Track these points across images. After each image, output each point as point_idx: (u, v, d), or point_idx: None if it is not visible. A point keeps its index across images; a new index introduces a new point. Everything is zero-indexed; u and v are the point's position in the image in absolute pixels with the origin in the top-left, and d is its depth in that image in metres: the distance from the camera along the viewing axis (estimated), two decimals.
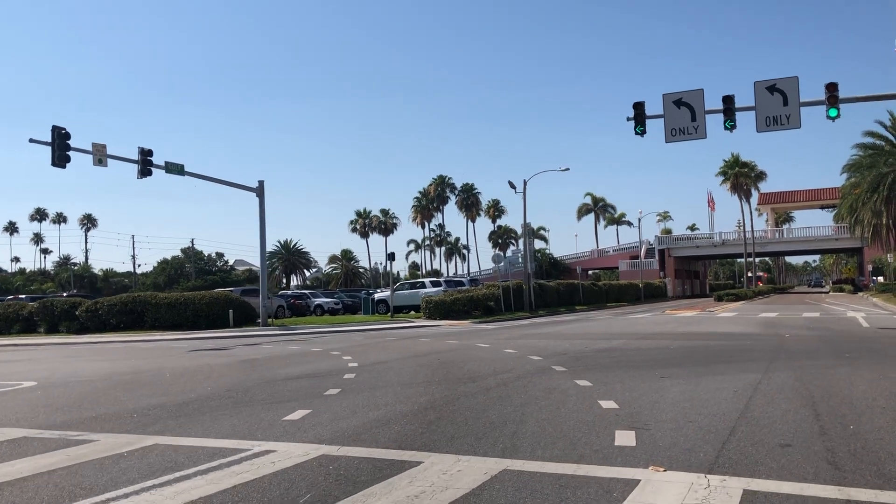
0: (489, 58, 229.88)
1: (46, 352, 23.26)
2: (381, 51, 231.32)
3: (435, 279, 49.11)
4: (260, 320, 33.54)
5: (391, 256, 39.54)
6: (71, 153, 25.86)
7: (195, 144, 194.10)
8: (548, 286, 48.67)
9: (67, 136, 24.91)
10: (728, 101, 23.61)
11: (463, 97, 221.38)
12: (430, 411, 8.05)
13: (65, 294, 49.75)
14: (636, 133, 24.60)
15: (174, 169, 30.01)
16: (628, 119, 24.69)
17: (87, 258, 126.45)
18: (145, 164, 28.19)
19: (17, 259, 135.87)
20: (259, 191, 34.32)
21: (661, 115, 24.45)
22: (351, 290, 61.71)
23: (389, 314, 38.11)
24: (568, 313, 42.27)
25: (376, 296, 43.37)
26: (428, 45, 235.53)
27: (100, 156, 26.63)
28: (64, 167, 24.77)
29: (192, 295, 35.82)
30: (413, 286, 44.06)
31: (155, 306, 34.55)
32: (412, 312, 40.18)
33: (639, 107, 24.57)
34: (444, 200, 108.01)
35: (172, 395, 10.31)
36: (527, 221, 46.01)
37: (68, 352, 22.92)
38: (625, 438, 6.46)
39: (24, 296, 53.09)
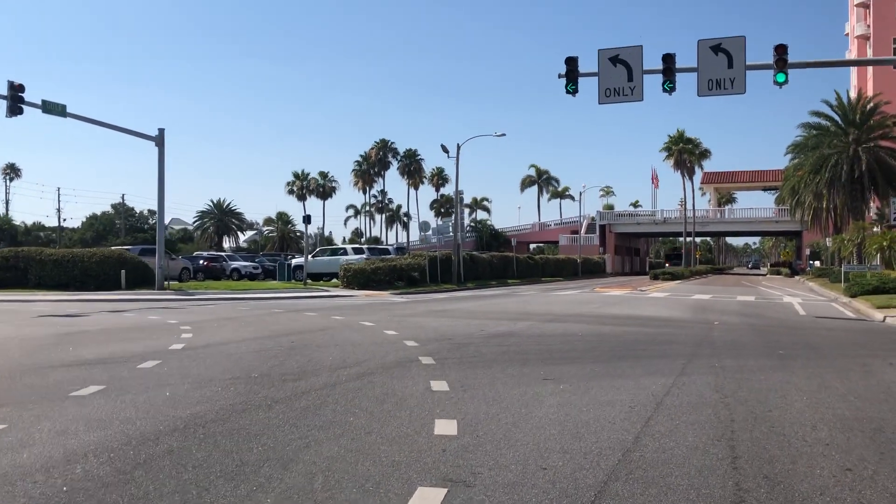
0: (436, 22, 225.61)
1: None
2: (324, 11, 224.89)
3: (357, 246, 46.33)
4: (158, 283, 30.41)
5: (307, 219, 36.56)
6: None
7: (119, 98, 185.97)
8: (480, 258, 46.42)
9: None
10: (668, 59, 21.34)
11: (409, 64, 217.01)
12: (175, 435, 5.43)
13: None
14: (567, 91, 22.21)
15: (54, 109, 26.57)
16: (560, 76, 22.23)
17: (7, 209, 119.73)
18: (16, 100, 24.68)
19: None
20: (159, 140, 31.04)
21: (596, 74, 22.07)
22: (274, 255, 58.45)
23: (303, 282, 35.28)
24: (498, 287, 40.08)
25: (293, 262, 40.44)
26: (373, 7, 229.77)
27: None
28: None
29: (80, 252, 32.50)
30: (334, 252, 41.26)
31: (40, 263, 31.20)
32: (333, 280, 37.44)
33: (571, 62, 22.08)
34: (386, 166, 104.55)
35: None
36: (459, 189, 43.48)
37: None
38: None
39: None
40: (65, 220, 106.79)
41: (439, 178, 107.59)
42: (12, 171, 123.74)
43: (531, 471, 4.69)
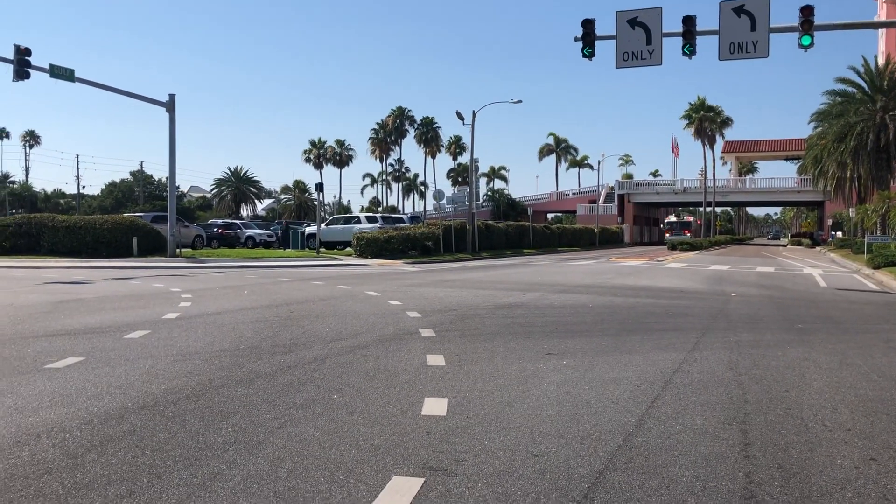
0: None
1: None
2: None
3: (371, 215, 45.89)
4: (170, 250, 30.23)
5: (319, 187, 36.14)
6: None
7: (141, 71, 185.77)
8: (495, 227, 45.86)
9: None
10: (688, 22, 20.62)
11: (425, 30, 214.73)
12: (141, 414, 5.07)
13: None
14: (584, 55, 21.57)
15: (62, 74, 26.17)
16: (576, 39, 21.59)
17: (27, 177, 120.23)
18: (22, 64, 24.33)
19: None
20: (169, 106, 30.66)
21: (613, 37, 21.38)
22: (292, 222, 58.15)
23: (316, 250, 34.96)
24: (512, 257, 39.59)
25: (307, 230, 40.13)
26: None
27: None
28: None
29: (92, 219, 32.36)
30: (347, 221, 40.89)
31: (53, 230, 31.11)
32: (347, 249, 37.13)
33: (588, 25, 21.41)
34: (403, 134, 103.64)
35: None
36: (475, 157, 42.79)
37: None
38: None
39: None
40: (84, 187, 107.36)
41: (457, 147, 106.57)
42: (32, 139, 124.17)
43: (521, 458, 4.27)
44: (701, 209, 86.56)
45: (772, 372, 7.01)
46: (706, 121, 71.77)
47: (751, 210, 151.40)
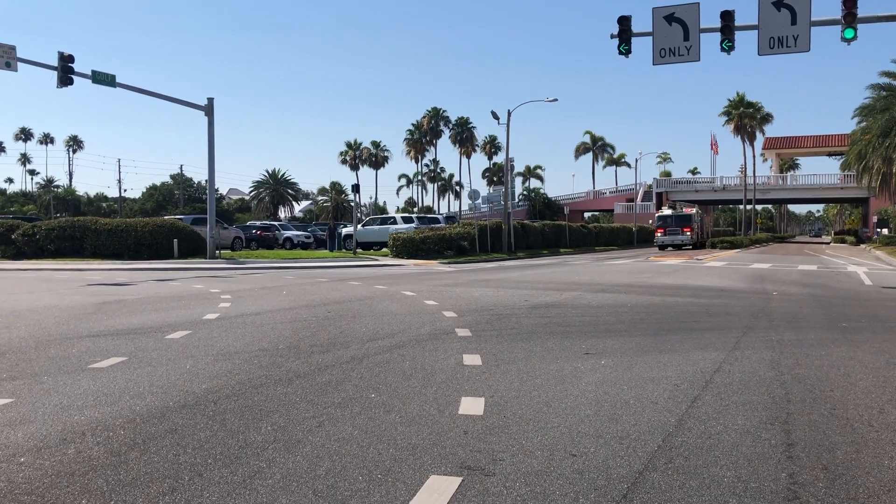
0: None
1: None
2: None
3: (407, 215, 46.01)
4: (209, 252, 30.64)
5: (356, 188, 36.37)
6: None
7: (181, 75, 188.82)
8: (531, 227, 45.69)
9: None
10: (727, 17, 20.29)
11: (460, 30, 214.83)
12: (183, 412, 5.14)
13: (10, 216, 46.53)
14: (620, 52, 21.41)
15: (103, 79, 26.72)
16: (612, 36, 21.42)
17: (71, 181, 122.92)
18: (66, 70, 24.90)
19: (10, 180, 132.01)
20: (208, 109, 31.09)
21: (650, 33, 21.16)
22: (324, 224, 58.58)
23: (353, 251, 35.18)
24: (549, 256, 39.41)
25: (343, 231, 40.40)
26: None
27: (7, 58, 23.34)
28: None
29: (134, 222, 32.94)
30: (383, 222, 41.10)
31: (95, 232, 31.71)
32: (383, 250, 37.32)
33: (624, 22, 21.23)
34: (438, 134, 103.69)
35: None
36: (510, 156, 42.69)
37: None
38: None
39: None
40: (125, 190, 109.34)
41: (492, 147, 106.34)
42: (75, 143, 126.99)
43: (559, 458, 4.25)
44: (740, 207, 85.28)
45: (815, 371, 6.88)
46: (746, 117, 70.53)
47: (792, 207, 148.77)
